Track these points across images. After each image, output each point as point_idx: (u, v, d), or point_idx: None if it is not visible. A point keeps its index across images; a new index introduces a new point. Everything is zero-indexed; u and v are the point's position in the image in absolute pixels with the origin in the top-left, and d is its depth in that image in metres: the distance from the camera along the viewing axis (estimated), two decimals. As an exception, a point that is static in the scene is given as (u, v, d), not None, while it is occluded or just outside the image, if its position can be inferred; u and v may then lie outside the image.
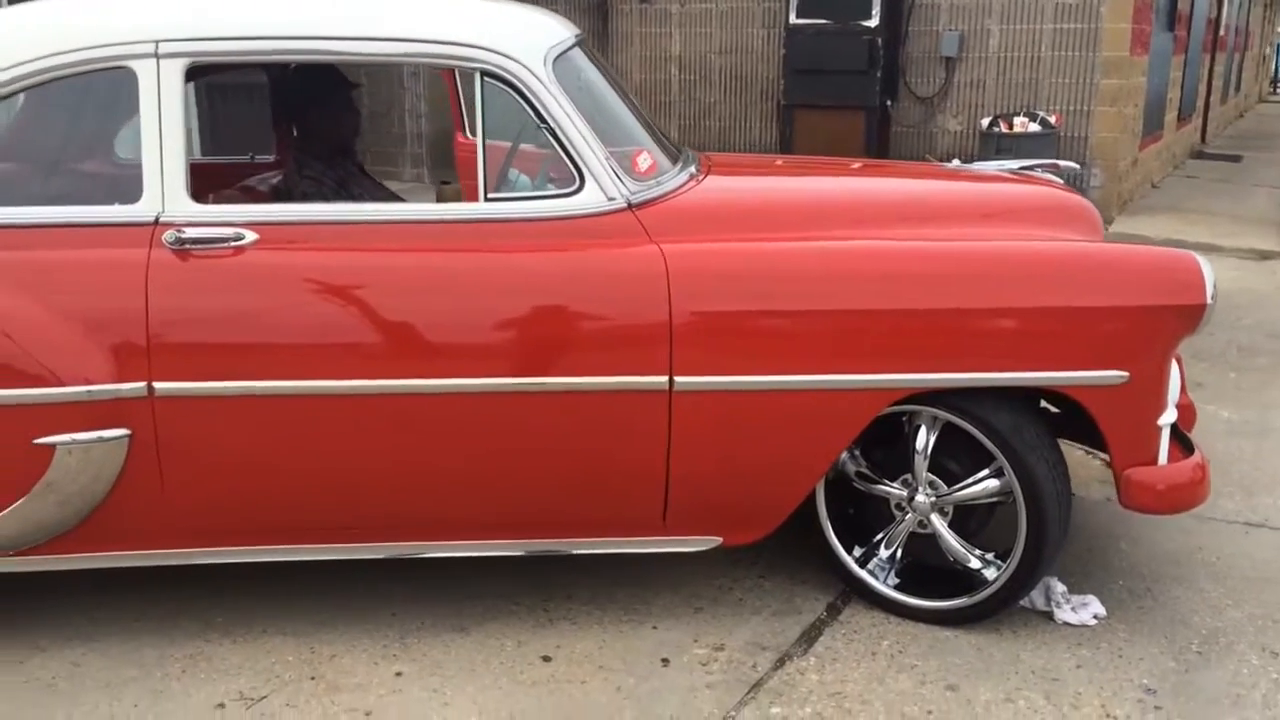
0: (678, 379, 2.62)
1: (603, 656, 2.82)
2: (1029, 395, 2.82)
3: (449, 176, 5.25)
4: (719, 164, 3.25)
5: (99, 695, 2.66)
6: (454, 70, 2.75)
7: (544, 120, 2.69)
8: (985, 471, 2.82)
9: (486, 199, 2.71)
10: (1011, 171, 3.71)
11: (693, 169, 3.04)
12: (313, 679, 2.73)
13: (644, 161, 2.90)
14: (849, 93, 10.27)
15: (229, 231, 2.60)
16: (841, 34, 10.03)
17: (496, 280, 2.64)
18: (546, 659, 2.81)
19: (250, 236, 2.60)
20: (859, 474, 2.97)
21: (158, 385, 2.56)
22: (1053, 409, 2.95)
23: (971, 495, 2.86)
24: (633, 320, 2.63)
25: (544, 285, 2.65)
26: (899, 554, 2.99)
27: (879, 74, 10.17)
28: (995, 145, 9.63)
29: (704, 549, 2.86)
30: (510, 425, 2.65)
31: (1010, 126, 9.84)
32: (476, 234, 2.68)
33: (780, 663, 2.78)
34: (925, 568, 3.00)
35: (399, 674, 2.75)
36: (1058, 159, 7.06)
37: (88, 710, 2.61)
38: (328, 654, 2.83)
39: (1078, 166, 4.17)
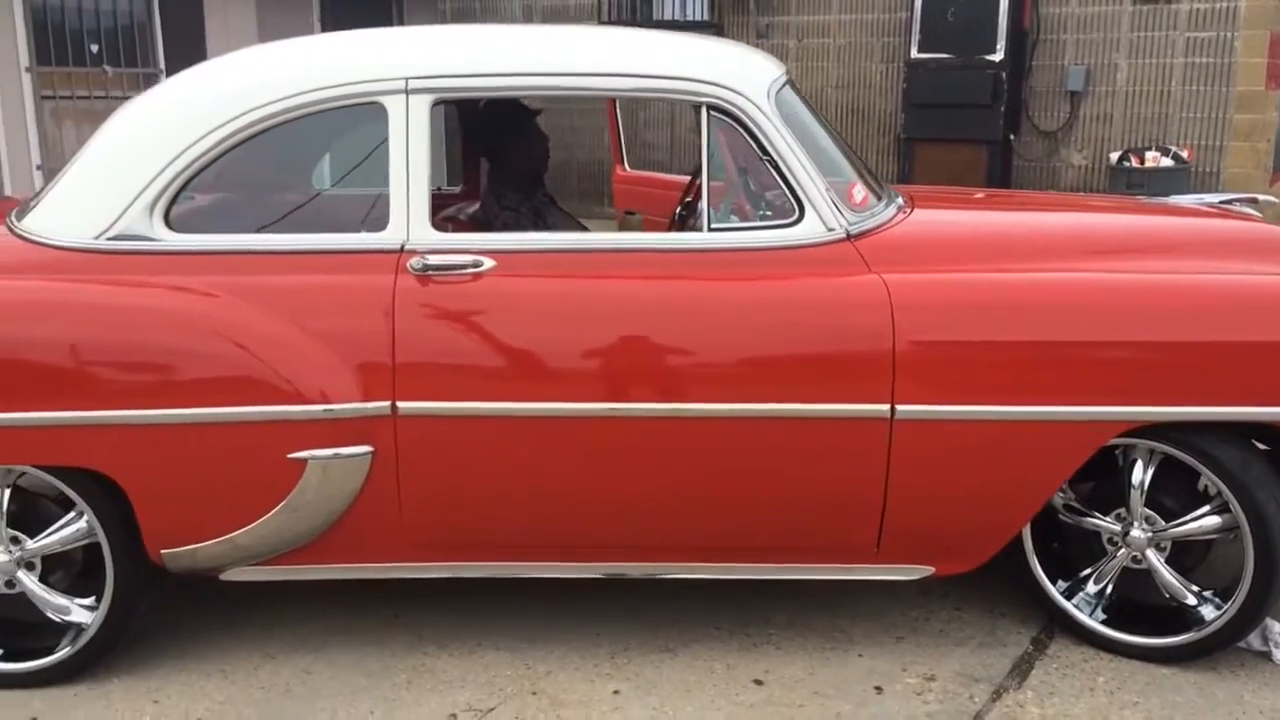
0: (899, 407, 2.66)
1: (814, 682, 2.84)
2: (1249, 431, 2.79)
3: (601, 208, 5.37)
4: (920, 197, 3.29)
5: (334, 701, 2.77)
6: (677, 104, 2.81)
7: (766, 153, 2.76)
8: (1206, 508, 2.79)
9: (710, 229, 2.78)
10: (1211, 205, 3.68)
11: (899, 201, 3.08)
12: (534, 694, 2.80)
13: (858, 194, 2.95)
14: (971, 127, 10.21)
15: (468, 259, 2.71)
16: (965, 68, 10.00)
17: (722, 308, 2.71)
18: (759, 683, 2.84)
19: (489, 264, 2.71)
20: (1067, 506, 2.95)
21: (401, 405, 2.67)
22: (1261, 445, 2.90)
23: (1191, 531, 2.82)
24: (855, 349, 2.67)
25: (768, 313, 2.71)
26: (1108, 589, 2.96)
27: (1002, 108, 10.11)
28: (1126, 180, 9.49)
29: (915, 578, 2.87)
30: (734, 450, 2.70)
31: (1142, 161, 9.69)
32: (702, 263, 2.76)
33: (996, 695, 2.77)
34: (1131, 603, 2.97)
35: (616, 692, 2.81)
36: (1186, 193, 6.95)
37: (326, 715, 2.72)
38: (543, 670, 2.91)
39: (1276, 201, 4.09)
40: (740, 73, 2.80)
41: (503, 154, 3.69)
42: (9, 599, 2.84)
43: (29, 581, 2.81)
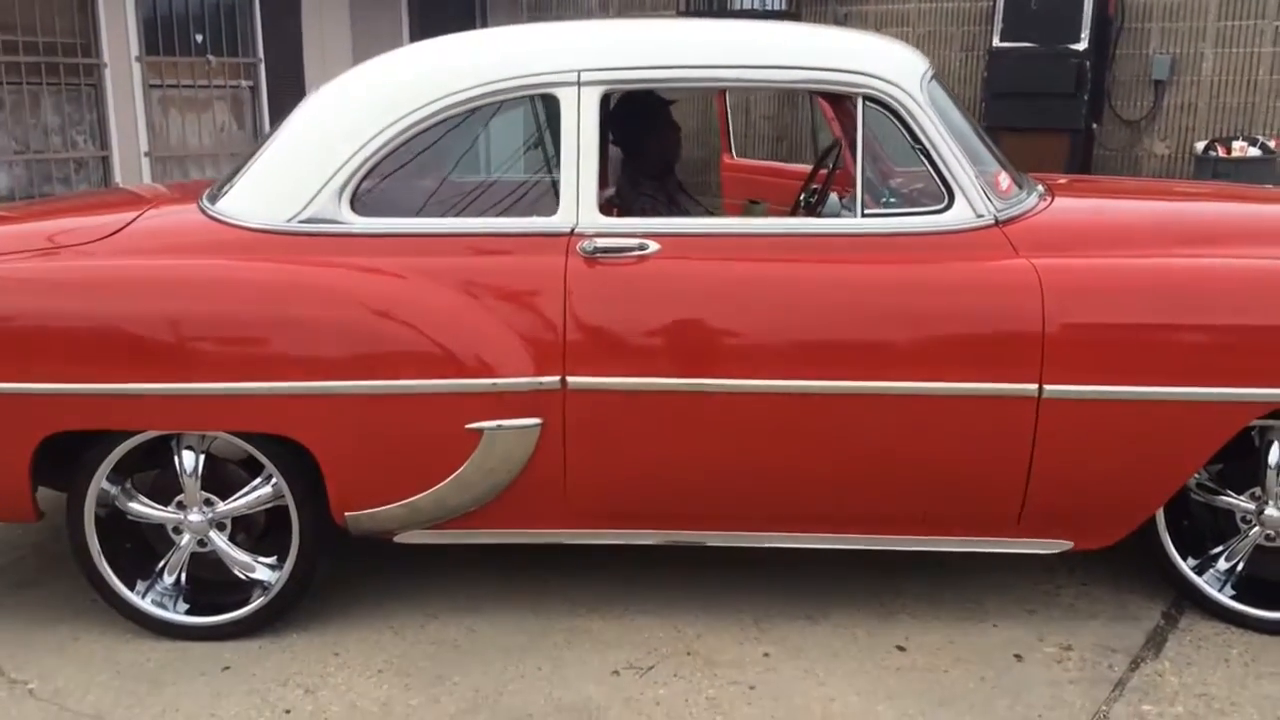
0: (1047, 387, 2.77)
1: (955, 649, 2.97)
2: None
3: (711, 197, 5.50)
4: (1057, 186, 3.38)
5: (500, 657, 2.95)
6: (836, 95, 2.94)
7: (918, 141, 2.88)
8: (1343, 488, 2.87)
9: (863, 215, 2.91)
10: (1339, 195, 3.73)
11: (1040, 189, 3.19)
12: (689, 654, 2.96)
13: (1003, 181, 3.06)
14: (1053, 115, 10.19)
15: (634, 242, 2.87)
16: (1048, 56, 9.98)
17: (876, 290, 2.84)
18: (901, 649, 2.98)
19: (653, 246, 2.86)
20: (1200, 485, 3.05)
21: (570, 379, 2.83)
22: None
23: (1323, 511, 2.91)
24: (1006, 330, 2.78)
25: (921, 295, 2.83)
26: (1239, 566, 3.06)
27: (1085, 97, 10.09)
28: (1212, 170, 9.43)
29: (1054, 552, 2.99)
30: (885, 426, 2.83)
31: (1228, 151, 9.63)
32: (855, 247, 2.89)
33: (1135, 665, 2.88)
34: (1259, 579, 3.06)
35: (766, 654, 2.96)
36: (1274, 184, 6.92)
37: (496, 668, 2.89)
38: (692, 633, 3.06)
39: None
40: (896, 65, 2.92)
41: (639, 142, 3.84)
42: (198, 558, 3.05)
43: (220, 541, 3.02)
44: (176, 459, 2.96)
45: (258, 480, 3.00)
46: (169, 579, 3.06)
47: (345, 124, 2.94)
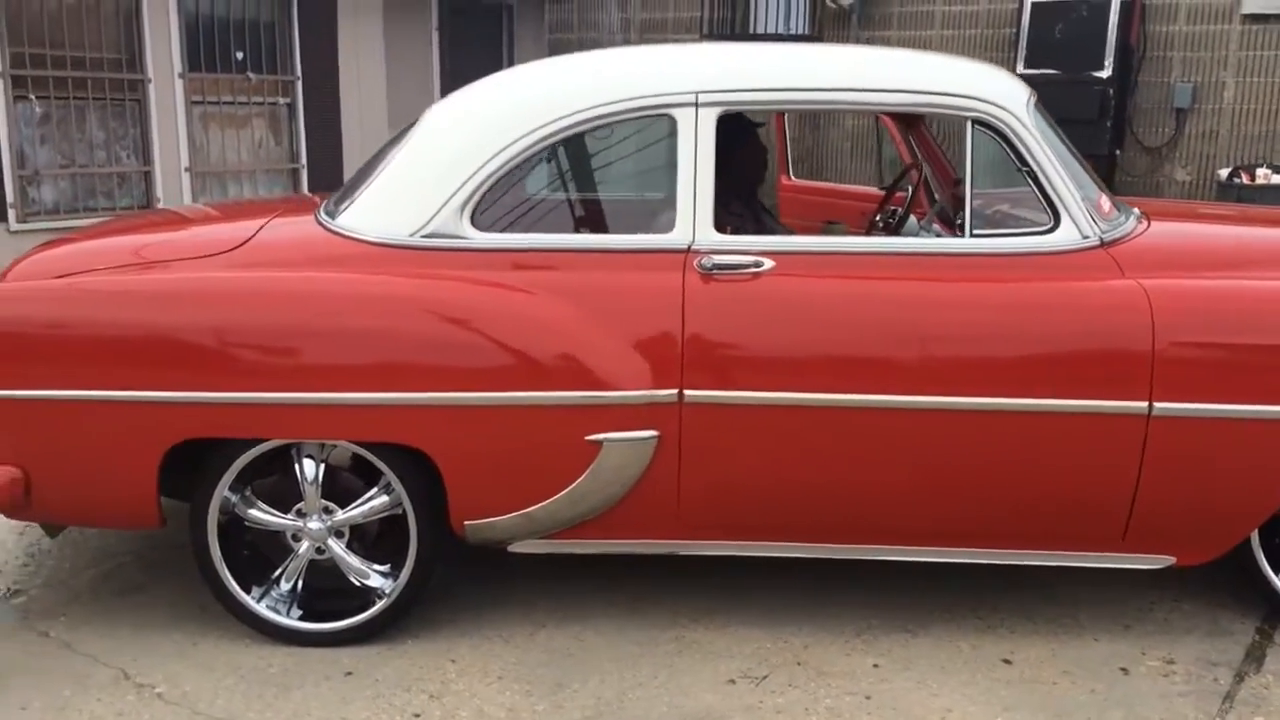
0: (1157, 405, 2.84)
1: (1060, 662, 3.03)
2: None
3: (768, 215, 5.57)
4: (1150, 209, 3.46)
5: (614, 665, 3.00)
6: (945, 118, 3.03)
7: (1025, 164, 2.97)
8: None
9: (971, 235, 2.99)
10: None
11: (1137, 213, 3.27)
12: (799, 665, 3.01)
13: (1105, 204, 3.14)
14: (1077, 142, 10.21)
15: (749, 259, 2.94)
16: (1072, 84, 10.13)
17: (986, 308, 2.91)
18: (1007, 662, 3.04)
19: (768, 264, 2.94)
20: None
21: (687, 393, 2.90)
22: None
23: None
24: (1116, 349, 2.86)
25: (1031, 314, 2.90)
26: (1330, 582, 3.13)
27: (1108, 124, 10.24)
28: (1235, 196, 9.57)
29: (1156, 568, 3.05)
30: (994, 443, 2.90)
31: (1252, 178, 9.77)
32: (965, 266, 2.96)
33: (1239, 678, 2.94)
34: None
35: (876, 665, 3.01)
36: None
37: (613, 677, 2.94)
38: (799, 644, 3.12)
39: None
40: (1005, 90, 3.01)
41: (729, 163, 3.91)
42: (313, 565, 3.10)
43: (338, 548, 3.07)
44: (297, 467, 3.01)
45: (375, 489, 3.05)
46: (285, 585, 3.11)
47: (467, 142, 3.01)
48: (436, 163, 3.03)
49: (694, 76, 2.98)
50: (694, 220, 2.95)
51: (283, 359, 2.86)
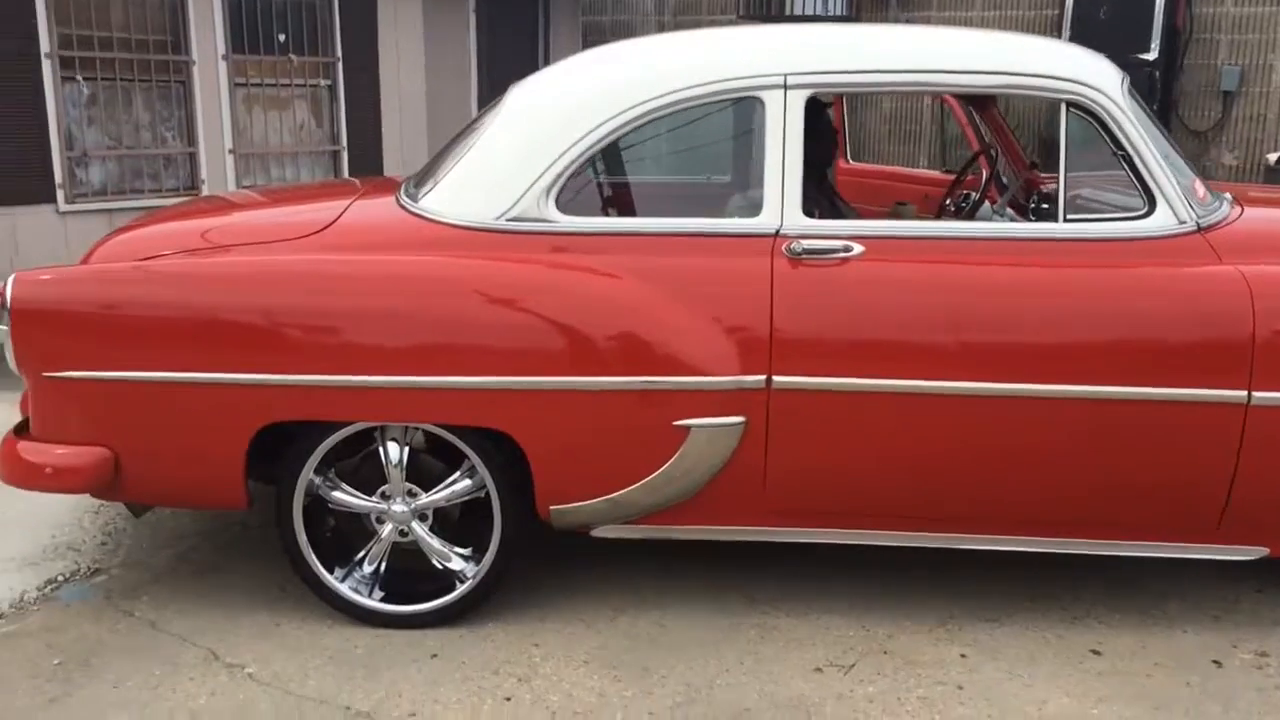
0: (1256, 394, 2.79)
1: (1150, 654, 2.99)
2: None
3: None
4: (1238, 193, 3.41)
5: (700, 651, 2.99)
6: (1038, 100, 2.97)
7: (1120, 148, 2.91)
8: None
9: (1065, 220, 2.94)
10: None
11: (1229, 197, 3.21)
12: (885, 653, 2.99)
13: (1200, 189, 3.09)
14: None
15: (839, 244, 2.91)
16: (1117, 66, 9.97)
17: (1081, 294, 2.86)
18: (1096, 653, 3.00)
19: (857, 249, 2.90)
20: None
21: (775, 379, 2.87)
22: None
23: None
24: (1214, 336, 2.81)
25: (1127, 300, 2.85)
26: None
27: (1155, 107, 10.10)
28: (1284, 180, 9.44)
29: (1249, 559, 3.01)
30: (1088, 431, 2.86)
31: (1302, 162, 9.64)
32: (1057, 251, 2.92)
33: (1335, 670, 2.90)
34: None
35: (963, 655, 2.99)
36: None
37: (699, 663, 2.93)
38: (882, 633, 3.10)
39: None
40: (1100, 73, 2.95)
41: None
42: (395, 547, 3.10)
43: (421, 531, 3.07)
44: (381, 451, 3.01)
45: (458, 473, 3.04)
46: (368, 567, 3.11)
47: (552, 124, 2.98)
48: (522, 145, 3.00)
49: (783, 58, 2.94)
50: (782, 204, 2.92)
51: (371, 342, 2.84)
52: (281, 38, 9.06)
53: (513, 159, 2.99)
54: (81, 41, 7.68)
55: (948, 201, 4.19)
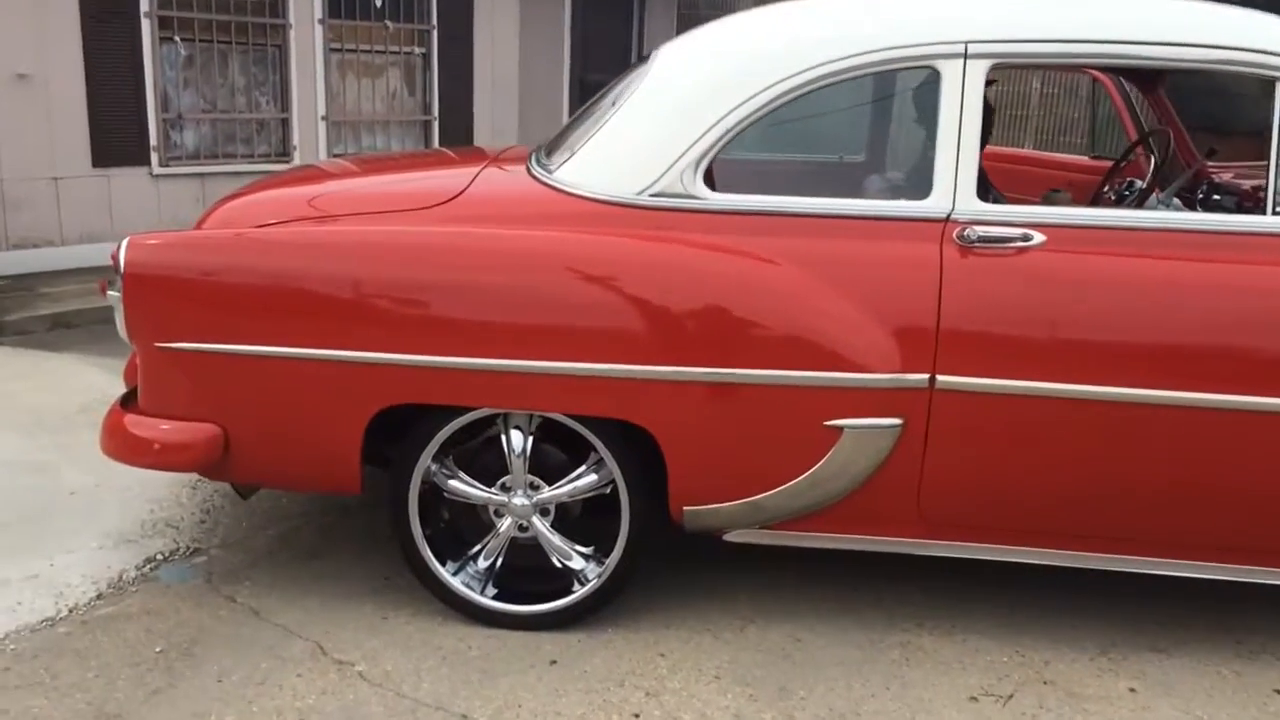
0: None
1: (1343, 699, 2.69)
2: None
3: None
4: None
5: (840, 672, 2.74)
6: (1244, 77, 2.65)
7: (1311, 129, 2.58)
8: None
9: (1274, 212, 2.63)
10: None
11: None
12: (1045, 684, 2.72)
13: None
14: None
15: (1017, 232, 2.62)
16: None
17: (1295, 296, 2.55)
18: (1279, 692, 2.71)
19: (1038, 238, 2.61)
20: None
21: (940, 378, 2.60)
22: None
23: None
24: None
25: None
26: None
27: None
28: None
29: None
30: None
31: None
32: (1268, 247, 2.60)
33: None
34: None
35: (1132, 690, 2.71)
36: None
37: (841, 685, 2.69)
38: (1039, 659, 2.83)
39: None
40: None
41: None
42: (511, 542, 2.89)
43: (542, 526, 2.86)
44: (504, 439, 2.80)
45: (583, 467, 2.82)
46: (483, 563, 2.91)
47: (704, 92, 2.73)
48: (669, 114, 2.76)
49: (964, 24, 2.65)
50: (955, 186, 2.64)
51: (503, 323, 2.63)
52: (378, 3, 8.92)
53: (660, 128, 2.75)
54: (180, 2, 7.60)
55: (1106, 189, 3.86)
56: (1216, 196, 3.62)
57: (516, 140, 10.27)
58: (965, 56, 2.62)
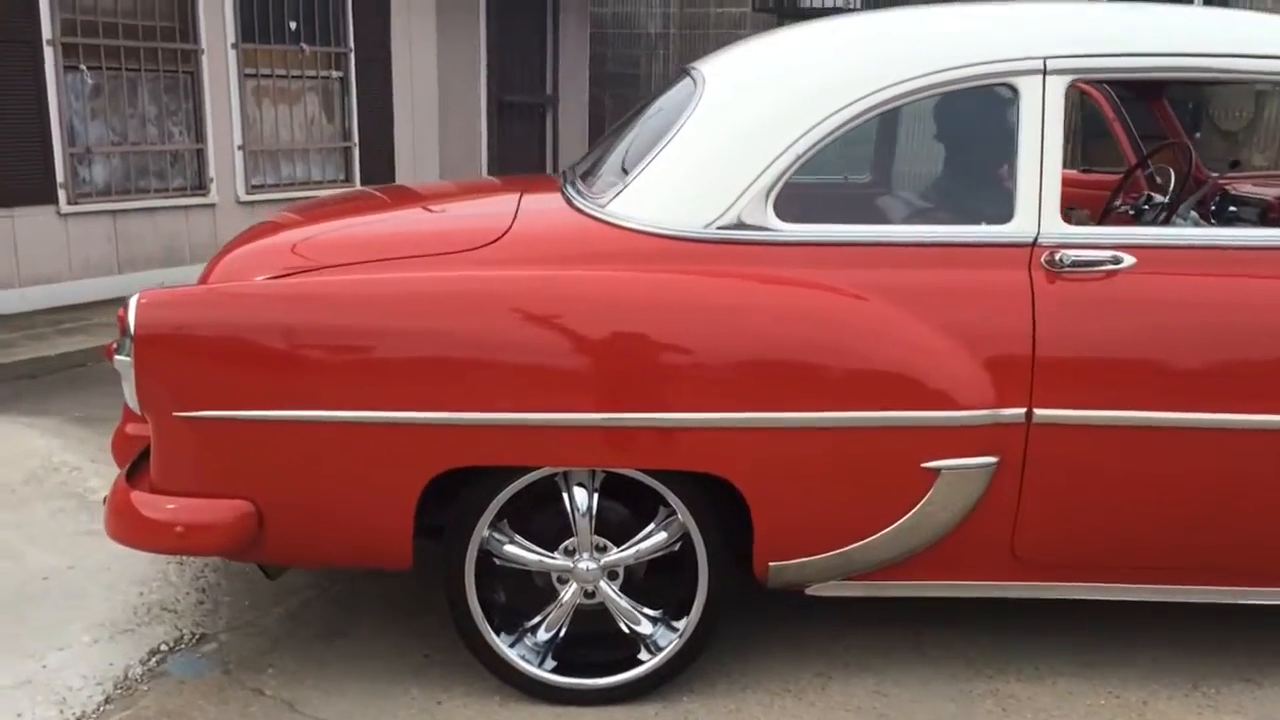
0: None
1: None
2: None
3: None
4: None
5: (941, 730, 2.58)
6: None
7: None
8: None
9: (1355, 228, 2.57)
10: None
11: None
12: (1153, 726, 2.60)
13: None
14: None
15: (1106, 254, 2.51)
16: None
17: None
18: (1389, 722, 2.64)
19: (1128, 260, 2.50)
20: None
21: (1037, 412, 2.47)
22: None
23: None
24: None
25: None
26: None
27: (1190, 106, 9.91)
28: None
29: None
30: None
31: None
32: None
33: None
34: None
35: (1240, 728, 2.60)
36: None
37: (947, 745, 2.52)
38: (1135, 700, 2.71)
39: None
40: None
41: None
42: (578, 611, 2.65)
43: (611, 591, 2.62)
44: (566, 497, 2.56)
45: (652, 524, 2.60)
46: (544, 635, 2.65)
47: (772, 115, 2.55)
48: (733, 140, 2.56)
49: (1041, 39, 2.53)
50: (1039, 209, 2.51)
51: (572, 373, 2.40)
52: (293, 25, 8.52)
53: (724, 155, 2.55)
54: (85, 28, 7.09)
55: (1118, 204, 3.80)
56: (1233, 208, 3.60)
57: (439, 165, 9.94)
58: (1044, 73, 2.50)
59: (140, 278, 7.53)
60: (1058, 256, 2.49)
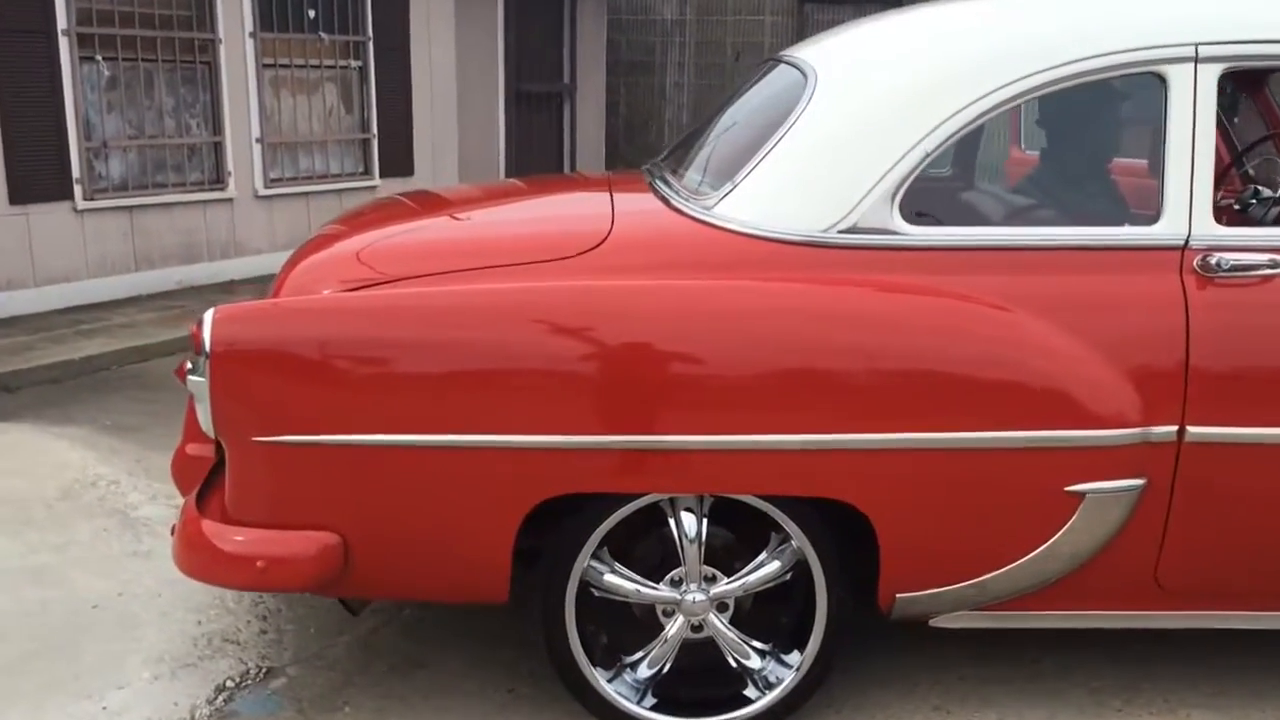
0: None
1: None
2: None
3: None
4: None
5: (1079, 772, 2.38)
6: None
7: None
8: None
9: None
10: None
11: None
12: (1300, 766, 2.41)
13: None
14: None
15: (1264, 258, 2.30)
16: None
17: None
18: None
19: (1285, 263, 2.30)
20: None
21: (1190, 429, 2.27)
22: None
23: None
24: None
25: None
26: None
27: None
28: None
29: None
30: None
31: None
32: None
33: None
34: None
35: (1398, 766, 2.41)
36: None
37: (1090, 791, 2.33)
38: (1270, 735, 2.52)
39: None
40: None
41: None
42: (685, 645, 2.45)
43: (720, 624, 2.42)
44: (673, 524, 2.36)
45: (765, 553, 2.40)
46: (646, 671, 2.46)
47: (898, 109, 2.34)
48: (855, 136, 2.35)
49: (1192, 24, 2.32)
50: (1190, 208, 2.31)
51: (690, 392, 2.19)
52: (311, 14, 8.28)
53: (845, 152, 2.34)
54: (101, 17, 6.86)
55: (1218, 199, 3.58)
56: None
57: (457, 155, 9.72)
58: (1195, 60, 2.29)
59: (157, 275, 7.33)
60: (1213, 260, 2.29)
